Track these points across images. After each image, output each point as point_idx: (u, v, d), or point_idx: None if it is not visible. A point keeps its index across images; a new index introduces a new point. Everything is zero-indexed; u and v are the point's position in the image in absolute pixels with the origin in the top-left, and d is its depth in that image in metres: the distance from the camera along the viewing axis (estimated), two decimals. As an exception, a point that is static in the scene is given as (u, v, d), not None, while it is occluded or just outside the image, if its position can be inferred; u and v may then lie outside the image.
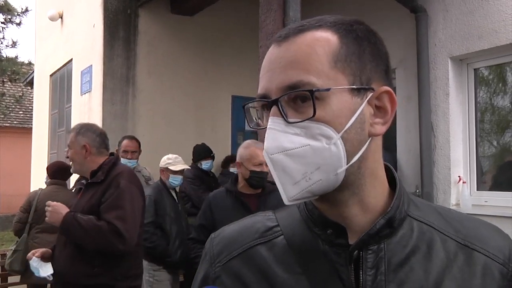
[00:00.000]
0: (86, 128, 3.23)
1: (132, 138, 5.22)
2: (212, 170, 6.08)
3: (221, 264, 0.91)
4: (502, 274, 0.83)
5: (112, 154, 3.30)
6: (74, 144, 3.13)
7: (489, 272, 0.83)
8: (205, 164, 5.82)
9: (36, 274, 3.00)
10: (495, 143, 4.68)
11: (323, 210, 0.86)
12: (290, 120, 0.78)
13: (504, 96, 4.53)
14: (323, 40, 0.80)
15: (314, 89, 0.76)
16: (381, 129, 0.82)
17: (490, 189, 4.56)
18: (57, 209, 2.98)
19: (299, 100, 0.78)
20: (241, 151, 3.27)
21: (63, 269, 2.98)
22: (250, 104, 0.87)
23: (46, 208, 3.03)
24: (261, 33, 3.73)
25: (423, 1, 4.75)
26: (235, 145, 7.07)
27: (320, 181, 0.78)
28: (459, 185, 4.51)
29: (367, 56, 0.81)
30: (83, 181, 3.20)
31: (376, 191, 0.85)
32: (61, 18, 7.93)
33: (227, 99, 7.00)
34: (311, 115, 0.76)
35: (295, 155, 0.77)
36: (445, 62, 4.59)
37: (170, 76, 6.56)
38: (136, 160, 5.15)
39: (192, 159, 5.88)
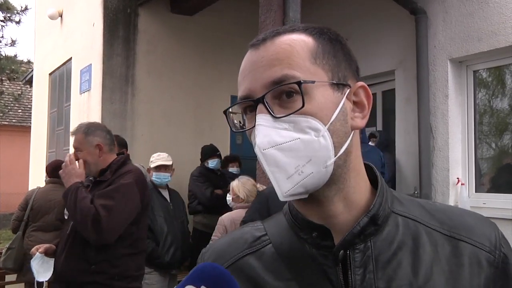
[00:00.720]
0: (94, 127, 3.17)
1: None
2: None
3: None
4: (489, 262, 0.84)
5: (121, 153, 3.25)
6: (85, 145, 3.06)
7: (476, 261, 0.83)
8: (211, 163, 5.88)
9: (35, 276, 2.98)
10: (493, 145, 4.69)
11: (307, 213, 0.87)
12: (278, 115, 0.79)
13: (503, 98, 4.53)
14: (300, 40, 0.83)
15: (301, 81, 0.78)
16: (361, 122, 0.86)
17: (488, 191, 4.56)
18: (73, 173, 2.96)
19: (285, 95, 0.80)
20: None
21: (62, 266, 2.96)
22: (230, 109, 0.89)
23: (66, 160, 2.99)
24: (261, 33, 3.72)
25: (423, 3, 4.75)
26: (234, 145, 7.08)
27: (311, 174, 0.79)
28: (458, 186, 4.52)
29: (340, 56, 0.86)
30: (91, 178, 3.15)
31: (359, 187, 0.87)
32: (61, 16, 7.92)
33: (226, 99, 6.99)
34: (299, 108, 0.78)
35: (287, 149, 0.79)
36: (444, 64, 4.60)
37: (169, 76, 6.56)
38: None
39: (200, 159, 5.95)
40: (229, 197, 4.14)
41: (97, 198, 2.88)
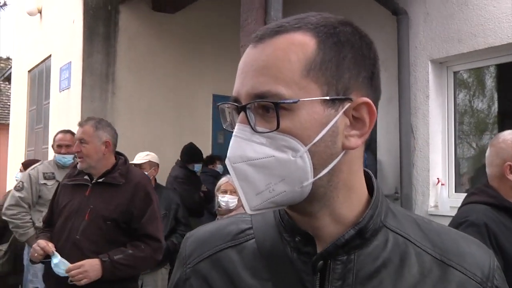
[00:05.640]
0: (105, 123, 3.11)
1: (67, 131, 4.78)
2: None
3: (191, 266, 0.91)
4: None
5: (120, 154, 3.17)
6: (92, 138, 2.96)
7: None
8: (197, 167, 5.92)
9: (61, 274, 2.78)
10: (474, 145, 4.73)
11: (295, 218, 0.84)
12: (258, 129, 0.75)
13: (483, 99, 4.58)
14: (299, 45, 0.76)
15: (278, 102, 0.73)
16: (356, 142, 0.79)
17: (468, 191, 4.61)
18: (88, 269, 2.75)
19: (266, 109, 0.75)
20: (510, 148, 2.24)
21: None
22: (223, 105, 0.85)
23: (72, 274, 2.74)
24: (243, 32, 3.70)
25: (404, 3, 4.77)
26: (215, 144, 7.05)
27: (284, 192, 0.76)
28: (438, 187, 4.55)
29: (346, 64, 0.77)
30: (86, 177, 3.04)
31: (351, 202, 0.82)
32: (40, 13, 7.80)
33: (208, 97, 6.96)
34: (274, 128, 0.74)
35: (259, 165, 0.75)
36: (425, 64, 4.63)
37: (150, 74, 6.50)
38: (72, 155, 4.49)
39: (185, 160, 5.83)
40: (233, 199, 3.77)
41: (149, 225, 2.94)
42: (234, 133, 0.77)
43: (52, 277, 2.89)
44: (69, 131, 4.80)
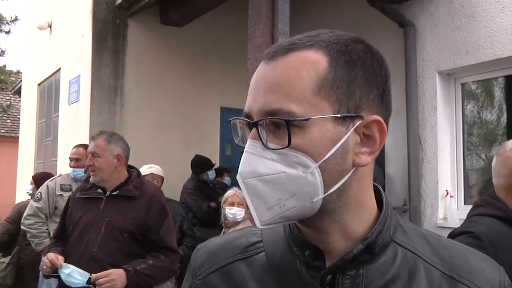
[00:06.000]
0: (118, 137, 3.14)
1: (81, 145, 4.82)
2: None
3: (201, 277, 0.92)
4: None
5: (131, 167, 3.21)
6: (104, 152, 2.99)
7: None
8: (211, 175, 6.08)
9: (76, 285, 2.76)
10: (483, 156, 4.70)
11: (304, 232, 0.84)
12: (269, 145, 0.76)
13: (492, 110, 4.56)
14: (311, 63, 0.76)
15: (290, 119, 0.74)
16: (366, 159, 0.79)
17: (474, 203, 4.57)
18: (115, 277, 2.77)
19: (277, 126, 0.76)
20: None
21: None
22: (235, 120, 0.85)
23: (100, 282, 2.72)
24: (250, 45, 3.72)
25: (411, 15, 4.78)
26: (223, 156, 7.06)
27: (294, 208, 0.76)
28: (447, 199, 4.51)
29: (358, 82, 0.77)
30: (99, 190, 3.05)
31: (360, 218, 0.82)
32: (50, 27, 7.89)
33: (216, 110, 6.99)
34: (285, 145, 0.75)
35: (270, 181, 0.76)
36: (433, 76, 4.62)
37: (158, 87, 6.54)
38: (82, 169, 4.56)
39: (195, 171, 5.94)
40: (240, 211, 3.79)
41: (167, 237, 3.00)
42: (245, 149, 0.78)
43: None
44: (82, 145, 4.85)
